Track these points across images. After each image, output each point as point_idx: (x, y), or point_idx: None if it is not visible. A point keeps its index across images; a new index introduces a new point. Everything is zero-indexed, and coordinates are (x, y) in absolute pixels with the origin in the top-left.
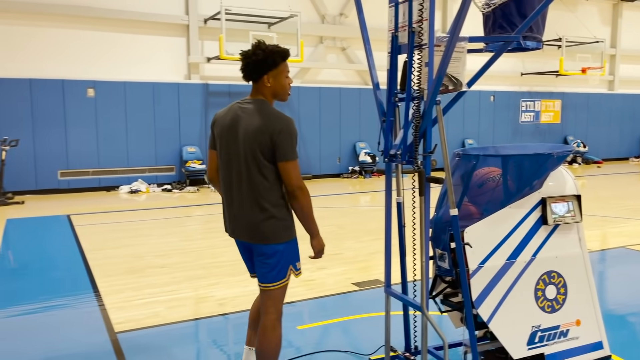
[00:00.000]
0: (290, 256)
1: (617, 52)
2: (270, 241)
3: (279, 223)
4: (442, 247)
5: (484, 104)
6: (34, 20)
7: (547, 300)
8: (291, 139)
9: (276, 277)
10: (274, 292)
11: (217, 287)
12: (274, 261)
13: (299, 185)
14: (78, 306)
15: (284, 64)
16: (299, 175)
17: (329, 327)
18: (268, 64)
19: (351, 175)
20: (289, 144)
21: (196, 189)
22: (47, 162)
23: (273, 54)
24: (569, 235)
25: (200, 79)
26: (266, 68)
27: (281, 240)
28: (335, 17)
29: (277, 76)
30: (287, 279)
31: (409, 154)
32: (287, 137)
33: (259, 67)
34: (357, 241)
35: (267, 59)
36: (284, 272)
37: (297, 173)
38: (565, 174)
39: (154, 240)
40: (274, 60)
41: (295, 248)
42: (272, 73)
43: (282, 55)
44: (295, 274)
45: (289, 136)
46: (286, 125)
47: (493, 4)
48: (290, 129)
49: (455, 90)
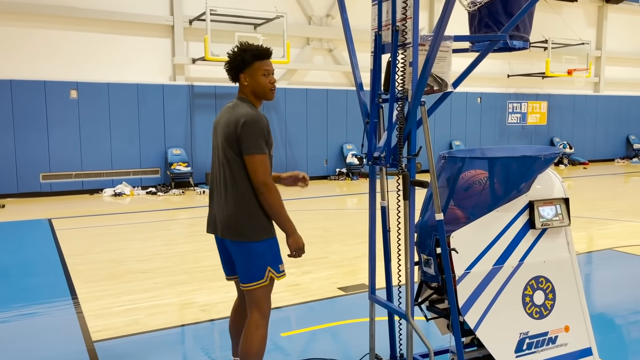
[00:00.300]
0: (268, 256)
1: (603, 54)
2: (245, 238)
3: (254, 220)
4: (427, 252)
5: (471, 106)
6: (15, 21)
7: (535, 306)
8: (255, 131)
9: (254, 277)
10: (254, 292)
11: (200, 293)
12: (250, 260)
13: (264, 182)
14: (55, 314)
15: (260, 63)
16: (265, 171)
17: (314, 333)
18: (239, 63)
19: (338, 177)
20: (253, 137)
21: (181, 191)
22: (29, 165)
23: (244, 53)
24: (557, 239)
25: (185, 80)
26: (240, 67)
27: (257, 238)
28: (322, 18)
29: (253, 75)
30: (265, 280)
31: (393, 157)
32: (250, 129)
33: (233, 66)
34: (343, 244)
35: (238, 57)
36: (261, 273)
37: (263, 168)
38: (553, 176)
39: (137, 244)
40: (243, 59)
41: (273, 248)
42: (247, 72)
43: (253, 54)
44: (276, 276)
45: (253, 129)
46: (250, 117)
47: (479, 2)
48: (255, 121)
49: (440, 91)
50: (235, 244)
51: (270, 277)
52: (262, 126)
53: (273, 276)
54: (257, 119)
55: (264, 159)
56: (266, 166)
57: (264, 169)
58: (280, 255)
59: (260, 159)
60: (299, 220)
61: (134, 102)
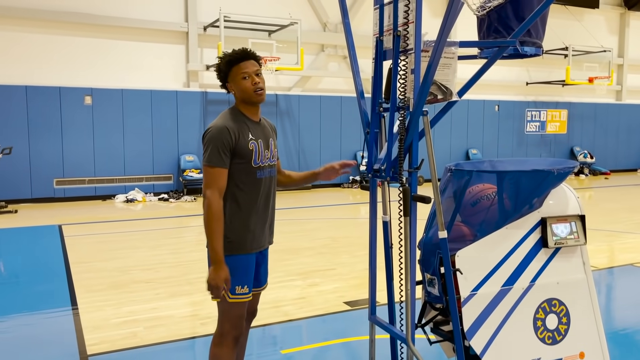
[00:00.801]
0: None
1: (625, 62)
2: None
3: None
4: (431, 271)
5: (489, 114)
6: (32, 27)
7: (547, 330)
8: (210, 142)
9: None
10: (217, 306)
11: (201, 305)
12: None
13: (204, 193)
14: (53, 324)
15: (236, 67)
16: (210, 182)
17: (316, 351)
18: (220, 73)
19: (352, 185)
20: (207, 149)
21: (193, 198)
22: (43, 171)
23: (221, 61)
24: (571, 259)
25: (199, 86)
26: (223, 78)
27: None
28: (336, 25)
29: (233, 81)
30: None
31: (394, 170)
32: (208, 140)
33: (220, 79)
34: (352, 256)
35: (218, 68)
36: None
37: (208, 180)
38: (568, 191)
39: (143, 252)
40: (219, 68)
41: (233, 266)
42: (230, 80)
43: (227, 60)
44: (229, 297)
45: (209, 139)
46: (213, 128)
47: (488, 6)
48: (212, 132)
49: (444, 100)
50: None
51: (223, 296)
52: (222, 137)
53: (225, 296)
54: (216, 129)
55: (213, 171)
56: (212, 179)
57: (208, 180)
58: (241, 275)
59: (207, 170)
60: (308, 229)
61: (147, 108)
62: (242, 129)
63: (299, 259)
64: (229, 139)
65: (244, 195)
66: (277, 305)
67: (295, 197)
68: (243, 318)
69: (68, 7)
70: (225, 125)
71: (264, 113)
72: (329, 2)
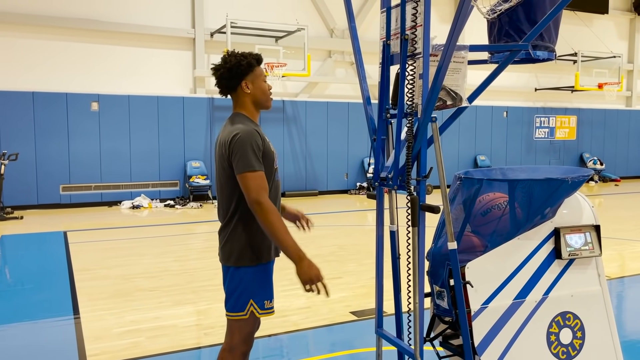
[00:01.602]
0: (251, 287)
1: (635, 68)
2: (228, 262)
3: (239, 243)
4: (440, 283)
5: (497, 120)
6: (39, 33)
7: (561, 345)
8: (245, 147)
9: (233, 307)
10: (230, 322)
11: (206, 314)
12: (230, 287)
13: (256, 200)
14: (54, 334)
15: (259, 68)
16: (257, 188)
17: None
18: (244, 67)
19: (359, 192)
20: (243, 155)
21: (199, 204)
22: (49, 177)
23: (247, 57)
24: (586, 270)
25: (205, 92)
26: (242, 72)
27: (239, 263)
28: (344, 31)
29: (255, 80)
30: (245, 314)
31: (401, 178)
32: (240, 145)
33: (235, 72)
34: (359, 264)
35: (242, 62)
36: (241, 304)
37: (255, 186)
38: (582, 200)
39: (148, 260)
40: (249, 63)
41: (259, 278)
42: (250, 77)
43: (256, 58)
44: (258, 312)
45: (243, 144)
46: (242, 132)
47: (499, 9)
48: (243, 137)
49: (453, 106)
50: (224, 267)
51: (251, 311)
52: (251, 140)
53: (254, 311)
54: (248, 134)
55: (257, 176)
56: (259, 183)
57: (256, 186)
58: (267, 288)
59: (251, 176)
60: (315, 237)
61: (154, 114)
62: (262, 132)
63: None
64: (259, 142)
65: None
66: (283, 315)
67: (301, 203)
68: (254, 333)
69: (75, 14)
70: (253, 128)
71: (272, 119)
72: (336, 8)
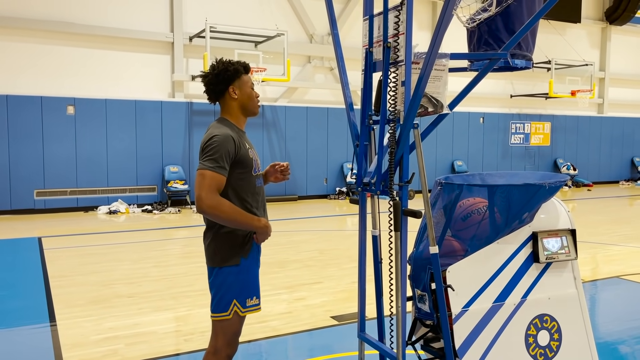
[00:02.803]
0: (234, 287)
1: (607, 76)
2: (211, 263)
3: (220, 244)
4: (422, 287)
5: (474, 126)
6: (13, 35)
7: (539, 347)
8: (214, 148)
9: (216, 308)
10: (215, 323)
11: (185, 321)
12: (214, 287)
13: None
14: (29, 342)
15: (247, 76)
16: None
17: None
18: (230, 73)
19: (338, 197)
20: (211, 154)
21: (178, 210)
22: (23, 181)
23: (234, 64)
24: (562, 274)
25: (184, 97)
26: (229, 78)
27: (220, 264)
28: (323, 36)
29: (242, 86)
30: (229, 314)
31: (384, 183)
32: (211, 146)
33: (222, 78)
34: (339, 269)
35: (229, 68)
36: (224, 305)
37: (205, 183)
38: (559, 205)
39: (126, 266)
40: (236, 69)
41: (242, 278)
42: (237, 83)
43: (243, 65)
44: (241, 311)
45: (214, 146)
46: (217, 136)
47: (478, 18)
48: (219, 139)
49: (435, 113)
50: (208, 268)
51: (234, 311)
52: (225, 146)
53: (237, 310)
54: (223, 138)
55: (211, 175)
56: (209, 183)
57: (206, 184)
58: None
59: (206, 174)
60: (295, 242)
61: (131, 118)
62: (241, 139)
63: (285, 272)
64: (232, 148)
65: (248, 204)
66: (263, 320)
67: (281, 208)
68: (238, 335)
69: (51, 16)
70: (230, 134)
71: (251, 124)
72: (316, 14)
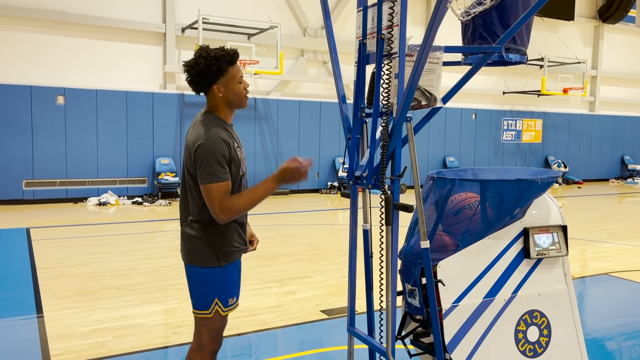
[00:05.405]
0: (216, 287)
1: (598, 74)
2: (192, 262)
3: (203, 244)
4: (412, 282)
5: (466, 122)
6: (2, 24)
7: (528, 343)
8: (208, 156)
9: (198, 305)
10: (198, 320)
11: (174, 313)
12: (194, 286)
13: (220, 210)
14: (16, 333)
15: (234, 68)
16: (220, 200)
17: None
18: (213, 73)
19: (330, 191)
20: (207, 164)
21: (168, 202)
22: (11, 172)
23: (217, 61)
24: (553, 270)
25: (176, 88)
26: (212, 77)
27: (203, 264)
28: (316, 30)
29: (228, 84)
30: (210, 313)
31: (376, 177)
32: (204, 155)
33: (205, 77)
34: (329, 263)
35: (211, 67)
36: (205, 302)
37: (217, 197)
38: (550, 201)
39: (115, 258)
40: (219, 68)
41: (223, 279)
42: (221, 81)
43: (228, 60)
44: (222, 310)
45: (207, 153)
46: (206, 141)
47: (473, 12)
48: (209, 145)
49: (428, 107)
50: (187, 266)
51: (216, 310)
52: (218, 150)
53: (219, 310)
54: (213, 142)
55: (220, 187)
56: (221, 194)
57: (219, 198)
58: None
59: (215, 187)
60: (286, 236)
61: (122, 109)
62: (231, 137)
63: (275, 266)
64: (225, 150)
65: None
66: (253, 314)
67: (273, 202)
68: (223, 331)
69: (42, 5)
70: (218, 135)
71: (243, 117)
72: (309, 7)
